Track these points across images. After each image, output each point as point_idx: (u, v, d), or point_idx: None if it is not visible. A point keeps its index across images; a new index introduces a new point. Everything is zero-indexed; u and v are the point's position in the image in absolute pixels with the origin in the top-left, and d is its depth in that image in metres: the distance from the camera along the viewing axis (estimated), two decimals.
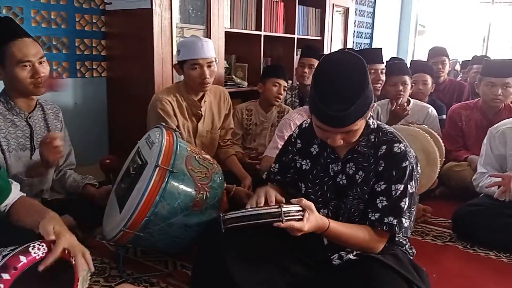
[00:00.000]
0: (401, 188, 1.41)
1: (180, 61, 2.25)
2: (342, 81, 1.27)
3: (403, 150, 1.42)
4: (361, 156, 1.47)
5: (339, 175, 1.50)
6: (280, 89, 2.86)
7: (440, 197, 2.79)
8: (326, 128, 1.33)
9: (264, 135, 2.94)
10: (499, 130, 2.29)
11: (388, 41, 6.88)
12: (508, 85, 2.72)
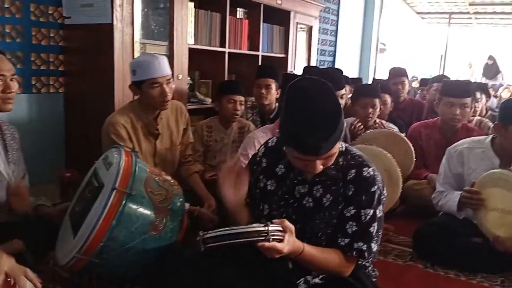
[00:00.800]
0: (370, 213, 1.41)
1: (136, 81, 2.19)
2: (320, 110, 1.25)
3: (372, 174, 1.42)
4: (329, 179, 1.45)
5: (306, 198, 1.48)
6: (236, 105, 2.83)
7: (401, 215, 2.83)
8: (306, 157, 1.30)
9: (224, 152, 2.90)
10: (457, 149, 2.34)
11: (351, 58, 7.02)
12: (465, 105, 2.81)
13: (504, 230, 1.96)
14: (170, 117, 2.38)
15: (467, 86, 2.88)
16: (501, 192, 1.96)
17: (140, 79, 2.16)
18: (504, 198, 1.95)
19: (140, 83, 2.17)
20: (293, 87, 1.30)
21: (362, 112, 2.97)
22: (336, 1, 6.25)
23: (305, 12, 4.40)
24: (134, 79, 2.19)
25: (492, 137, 2.28)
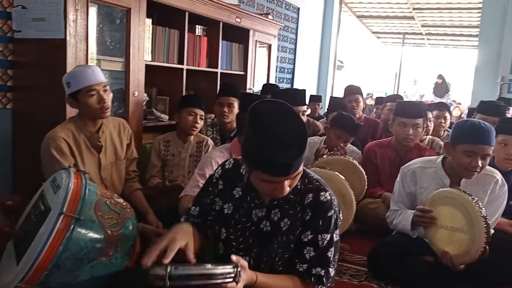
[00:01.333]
0: (328, 238, 1.41)
1: (72, 93, 2.14)
2: (287, 128, 1.25)
3: (329, 199, 1.43)
4: (287, 203, 1.44)
5: (263, 222, 1.46)
6: (196, 118, 2.81)
7: (357, 234, 2.86)
8: (276, 179, 1.28)
9: (182, 166, 2.86)
10: (410, 169, 2.40)
11: (309, 75, 7.15)
12: (418, 125, 2.90)
13: (453, 247, 2.01)
14: (112, 132, 2.35)
15: (419, 107, 2.98)
16: (449, 210, 2.02)
17: (76, 89, 2.12)
18: (452, 216, 2.01)
19: (76, 93, 2.13)
20: (255, 110, 1.28)
21: (334, 142, 3.02)
22: (295, 20, 6.37)
23: (264, 30, 4.44)
24: (69, 91, 2.15)
25: (443, 157, 2.35)
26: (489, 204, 2.22)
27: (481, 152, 2.09)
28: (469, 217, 1.94)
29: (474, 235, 1.93)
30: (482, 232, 1.89)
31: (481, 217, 1.90)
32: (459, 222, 1.99)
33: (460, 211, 1.97)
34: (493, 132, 2.11)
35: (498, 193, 2.23)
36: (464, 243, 1.97)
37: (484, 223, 1.89)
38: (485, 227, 1.89)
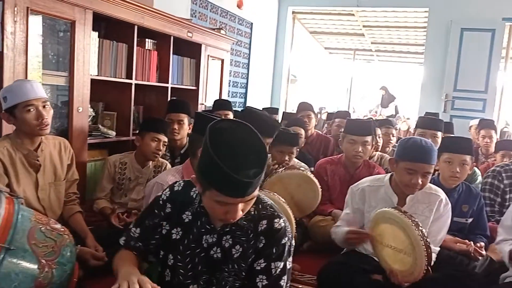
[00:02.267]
0: (281, 266, 1.38)
1: (9, 108, 2.03)
2: (247, 147, 1.22)
3: (283, 226, 1.40)
4: (240, 229, 1.40)
5: (214, 248, 1.41)
6: (160, 145, 2.73)
7: (308, 252, 2.85)
8: (230, 201, 1.23)
9: (137, 191, 2.77)
10: (359, 188, 2.42)
11: (262, 89, 7.19)
12: (367, 143, 2.95)
13: (399, 265, 2.03)
14: (52, 151, 2.24)
15: (368, 124, 3.04)
16: (393, 230, 2.04)
17: (12, 104, 2.01)
18: (395, 237, 2.03)
19: (13, 109, 2.02)
20: (215, 127, 1.25)
21: (279, 159, 3.01)
22: (248, 35, 6.40)
23: (217, 45, 4.41)
24: (5, 106, 2.04)
25: (390, 175, 2.39)
26: (434, 222, 2.27)
27: (421, 170, 2.14)
28: (410, 240, 1.96)
29: (415, 258, 1.95)
30: (423, 256, 1.92)
31: (420, 241, 1.91)
32: (402, 243, 2.00)
33: (403, 232, 1.99)
34: (434, 151, 2.17)
35: (443, 211, 2.28)
36: (407, 263, 1.99)
37: (424, 246, 1.91)
38: (425, 250, 1.91)
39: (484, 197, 3.01)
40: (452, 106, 6.48)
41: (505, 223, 2.20)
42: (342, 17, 9.05)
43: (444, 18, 6.49)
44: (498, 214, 2.98)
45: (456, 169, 2.60)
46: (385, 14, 8.41)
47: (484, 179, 3.17)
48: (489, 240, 2.66)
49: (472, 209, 2.67)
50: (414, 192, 2.22)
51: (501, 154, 4.00)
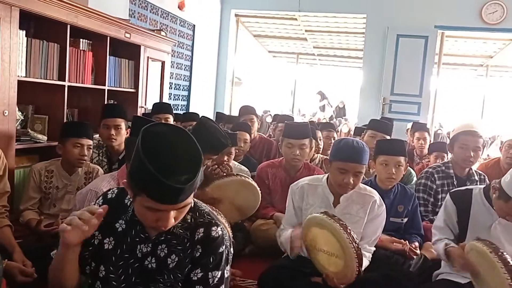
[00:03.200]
0: (218, 275, 1.35)
1: None
2: (181, 152, 1.18)
3: (220, 234, 1.36)
4: (176, 238, 1.35)
5: (148, 258, 1.35)
6: (83, 150, 2.59)
7: (250, 256, 2.83)
8: (162, 207, 1.18)
9: (67, 200, 2.62)
10: (299, 185, 2.43)
11: (206, 92, 7.11)
12: (304, 146, 2.98)
13: (333, 268, 2.06)
14: None
15: (305, 128, 3.07)
16: (324, 235, 2.05)
17: None
18: (327, 241, 2.05)
19: None
20: (149, 130, 1.20)
21: (218, 158, 2.95)
22: (190, 37, 6.31)
23: (157, 47, 4.31)
24: None
25: (328, 175, 2.42)
26: (369, 223, 2.32)
27: (352, 170, 2.19)
28: (340, 243, 1.99)
29: (346, 260, 1.98)
30: (353, 258, 1.95)
31: (350, 243, 1.94)
32: (333, 247, 2.03)
33: (333, 236, 2.01)
34: (366, 151, 2.22)
35: (377, 212, 2.33)
36: (340, 266, 2.02)
37: (354, 248, 1.94)
38: (355, 252, 1.94)
39: (418, 198, 3.12)
40: (390, 109, 6.72)
41: (438, 224, 2.28)
42: (285, 22, 9.16)
43: (381, 24, 6.73)
44: (431, 214, 3.10)
45: (392, 170, 2.68)
46: (326, 20, 8.60)
47: (418, 180, 3.29)
48: (423, 239, 2.77)
49: (407, 209, 2.76)
50: (347, 191, 2.26)
51: (434, 155, 4.19)
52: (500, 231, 2.10)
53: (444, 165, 3.22)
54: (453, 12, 6.53)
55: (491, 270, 1.82)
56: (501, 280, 1.77)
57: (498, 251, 1.80)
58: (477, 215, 2.17)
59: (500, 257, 1.78)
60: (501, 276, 1.76)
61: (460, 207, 2.20)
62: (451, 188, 3.09)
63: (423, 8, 6.62)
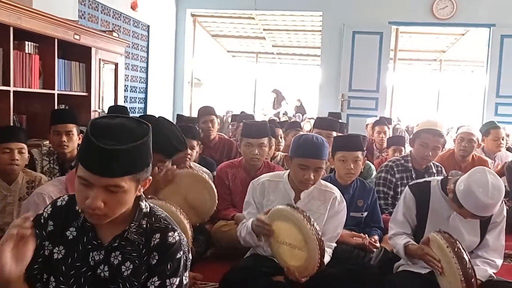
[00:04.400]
0: (177, 282, 1.30)
1: None
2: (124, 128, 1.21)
3: (177, 239, 1.31)
4: (131, 244, 1.29)
5: (101, 266, 1.29)
6: (13, 155, 2.44)
7: (212, 258, 2.77)
8: (91, 179, 1.15)
9: (9, 212, 2.48)
10: (260, 182, 2.40)
11: (164, 94, 6.99)
12: (263, 145, 2.95)
13: (294, 261, 2.03)
14: None
15: (263, 127, 3.04)
16: (288, 227, 2.02)
17: None
18: (290, 234, 2.02)
19: None
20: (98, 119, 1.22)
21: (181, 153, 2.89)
22: (145, 38, 6.17)
23: (109, 48, 4.18)
24: None
25: (289, 171, 2.39)
26: (330, 219, 2.31)
27: (312, 166, 2.17)
28: (303, 234, 1.97)
29: (309, 252, 1.96)
30: (316, 249, 1.93)
31: (312, 235, 1.93)
32: (295, 239, 2.01)
33: (296, 228, 1.99)
34: (325, 146, 2.21)
35: (338, 208, 2.32)
36: (302, 258, 1.99)
37: (316, 240, 1.92)
38: (317, 243, 1.93)
39: (378, 191, 3.16)
40: (348, 106, 6.81)
41: (396, 217, 2.29)
42: (243, 21, 9.14)
43: (337, 21, 6.81)
44: (391, 207, 3.14)
45: (350, 166, 2.69)
46: (284, 18, 8.64)
47: (378, 174, 3.33)
48: (384, 232, 2.79)
49: (366, 203, 2.78)
50: (308, 187, 2.25)
51: (393, 149, 4.27)
52: (458, 221, 2.14)
53: (403, 159, 3.27)
54: (406, 8, 6.69)
55: (448, 264, 1.85)
56: (455, 276, 1.80)
57: (455, 247, 1.83)
58: (436, 207, 2.20)
59: (456, 253, 1.81)
60: (455, 272, 1.79)
61: (419, 199, 2.22)
62: (410, 181, 3.12)
63: (377, 4, 6.75)
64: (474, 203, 1.88)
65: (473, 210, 1.90)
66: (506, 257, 2.89)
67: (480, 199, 1.85)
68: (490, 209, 1.91)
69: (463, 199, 1.92)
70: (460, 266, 1.78)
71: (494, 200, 1.87)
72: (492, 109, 6.59)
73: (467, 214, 1.98)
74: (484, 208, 1.88)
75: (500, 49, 6.49)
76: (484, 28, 6.77)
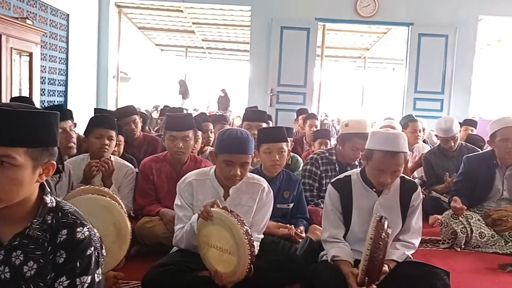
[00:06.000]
0: (88, 281, 1.21)
1: None
2: (21, 105, 1.15)
3: (87, 235, 1.22)
4: (34, 242, 1.19)
5: (1, 267, 1.18)
6: None
7: (136, 256, 2.65)
8: None
9: None
10: (186, 182, 2.32)
11: (86, 88, 6.65)
12: (187, 138, 2.86)
13: (223, 266, 2.01)
14: None
15: (187, 119, 2.96)
16: (219, 230, 2.00)
17: None
18: (221, 237, 1.99)
19: None
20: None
21: (97, 142, 2.78)
22: (64, 27, 5.82)
23: (22, 36, 3.88)
24: None
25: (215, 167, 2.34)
26: (258, 211, 2.30)
27: (238, 161, 2.14)
28: (235, 239, 1.95)
29: (240, 257, 1.95)
30: (247, 255, 1.92)
31: (245, 239, 1.92)
32: (227, 243, 1.99)
33: (228, 232, 1.97)
34: (250, 141, 2.19)
35: (265, 200, 2.32)
36: (232, 263, 1.98)
37: (248, 245, 1.92)
38: (249, 248, 1.92)
39: (304, 183, 3.20)
40: (277, 100, 6.89)
41: (328, 216, 2.32)
42: (171, 13, 8.94)
43: (265, 16, 6.84)
44: (316, 198, 3.21)
45: (275, 157, 2.69)
46: (213, 12, 8.55)
47: (304, 166, 3.38)
48: (310, 222, 2.84)
49: (292, 194, 2.80)
50: (235, 183, 2.22)
51: (319, 142, 4.36)
52: (381, 210, 2.23)
53: (328, 152, 3.34)
54: (332, 5, 6.87)
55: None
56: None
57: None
58: (359, 199, 2.28)
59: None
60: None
61: (342, 194, 2.29)
62: (334, 173, 3.23)
63: (304, 0, 6.87)
64: (379, 138, 2.14)
65: (383, 145, 2.11)
66: (422, 242, 3.07)
67: (384, 132, 2.19)
68: (395, 140, 2.11)
69: (371, 142, 2.17)
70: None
71: (395, 132, 2.21)
72: (411, 104, 6.96)
73: (380, 163, 2.12)
74: (389, 138, 2.11)
75: (418, 47, 6.86)
76: (403, 26, 7.14)
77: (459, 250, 3.06)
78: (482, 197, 3.26)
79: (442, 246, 3.13)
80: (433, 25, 6.80)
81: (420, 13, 6.83)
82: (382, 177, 2.15)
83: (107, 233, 2.14)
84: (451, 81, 6.86)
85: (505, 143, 3.10)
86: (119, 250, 2.17)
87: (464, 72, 6.92)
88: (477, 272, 2.71)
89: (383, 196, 2.26)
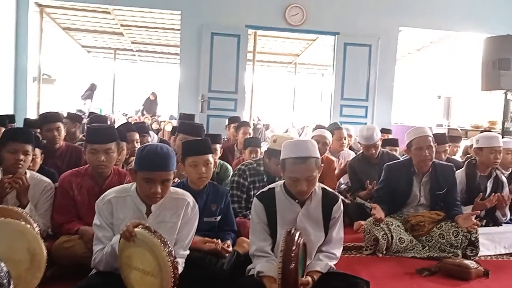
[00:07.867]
0: None
1: None
2: None
3: None
4: None
5: None
6: None
7: (52, 279, 2.48)
8: None
9: None
10: (105, 200, 2.21)
11: (2, 91, 6.20)
12: (110, 150, 2.73)
13: None
14: None
15: (110, 131, 2.83)
16: (141, 252, 1.93)
17: None
18: (144, 259, 1.93)
19: None
20: None
21: (10, 158, 2.60)
22: None
23: None
24: None
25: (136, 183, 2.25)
26: (183, 227, 2.24)
27: (159, 178, 2.08)
28: (158, 261, 1.89)
29: (162, 279, 1.90)
30: (170, 277, 1.88)
31: (168, 261, 1.87)
32: (149, 265, 1.93)
33: (150, 254, 1.91)
34: (171, 156, 2.13)
35: (190, 215, 2.27)
36: (154, 286, 1.92)
37: (171, 267, 1.88)
38: (172, 270, 1.88)
39: (232, 195, 3.19)
40: (208, 106, 6.83)
41: (255, 229, 2.33)
42: (98, 15, 8.61)
43: (195, 21, 6.77)
44: (244, 209, 3.20)
45: (202, 170, 2.64)
46: (142, 15, 8.35)
47: (232, 178, 3.36)
48: (237, 234, 2.81)
49: (220, 207, 2.77)
50: (157, 201, 2.15)
51: (249, 150, 4.35)
52: (304, 221, 2.28)
53: (256, 163, 3.35)
54: (261, 13, 6.95)
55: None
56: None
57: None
58: (282, 211, 2.31)
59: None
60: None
61: (267, 206, 2.30)
62: (261, 184, 3.24)
63: (235, 8, 6.89)
64: (289, 146, 2.27)
65: (293, 153, 2.22)
66: (346, 249, 3.17)
67: (293, 141, 2.39)
68: (303, 145, 2.25)
69: (283, 153, 2.27)
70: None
71: (304, 139, 2.42)
72: (338, 110, 7.19)
73: (292, 171, 2.20)
74: (298, 145, 2.26)
75: (343, 56, 7.11)
76: (330, 35, 7.36)
77: (380, 256, 3.19)
78: (402, 203, 3.44)
79: (365, 252, 3.24)
80: (357, 35, 7.08)
81: (346, 23, 7.09)
82: (299, 186, 2.20)
83: (21, 260, 2.03)
84: (374, 89, 7.18)
85: (420, 152, 3.29)
86: (33, 278, 2.05)
87: (386, 80, 7.28)
88: (397, 277, 2.84)
89: (305, 207, 2.31)
